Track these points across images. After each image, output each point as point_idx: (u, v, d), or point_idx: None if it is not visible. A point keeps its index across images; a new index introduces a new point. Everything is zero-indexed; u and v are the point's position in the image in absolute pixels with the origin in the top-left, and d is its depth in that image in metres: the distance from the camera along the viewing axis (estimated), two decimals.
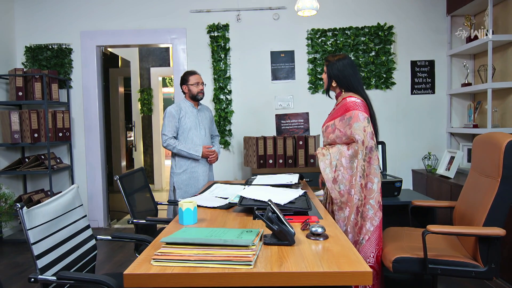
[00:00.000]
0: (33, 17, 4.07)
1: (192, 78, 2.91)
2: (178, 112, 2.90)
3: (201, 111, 3.01)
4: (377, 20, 3.96)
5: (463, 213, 1.98)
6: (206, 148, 2.91)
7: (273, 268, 1.13)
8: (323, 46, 3.99)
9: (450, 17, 3.91)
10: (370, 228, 1.98)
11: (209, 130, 3.04)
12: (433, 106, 4.03)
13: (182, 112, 2.91)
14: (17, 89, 3.67)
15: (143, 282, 1.11)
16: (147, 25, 4.05)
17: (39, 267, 1.44)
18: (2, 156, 3.83)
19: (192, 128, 2.91)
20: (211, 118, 3.10)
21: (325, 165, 2.04)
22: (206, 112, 3.07)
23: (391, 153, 4.03)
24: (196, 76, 2.93)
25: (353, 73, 2.11)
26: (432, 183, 3.62)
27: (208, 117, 3.06)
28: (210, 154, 2.93)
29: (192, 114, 2.94)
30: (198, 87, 2.91)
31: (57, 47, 4.05)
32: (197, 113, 2.96)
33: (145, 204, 2.63)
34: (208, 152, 2.92)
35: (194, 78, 2.91)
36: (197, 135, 2.93)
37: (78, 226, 1.77)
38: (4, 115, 3.66)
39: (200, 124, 2.96)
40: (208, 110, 3.11)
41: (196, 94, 2.92)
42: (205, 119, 3.01)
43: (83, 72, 4.10)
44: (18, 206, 1.42)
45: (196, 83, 2.90)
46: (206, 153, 2.91)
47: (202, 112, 3.02)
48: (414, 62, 4.00)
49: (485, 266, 1.69)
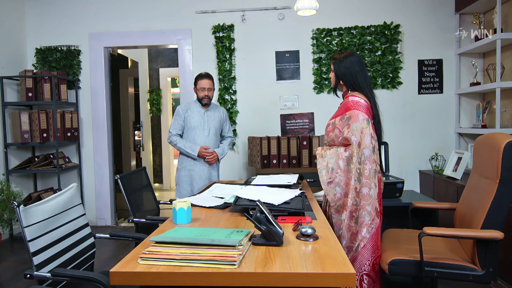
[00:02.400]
0: (43, 20, 4.16)
1: (199, 83, 2.96)
2: (185, 111, 2.99)
3: (210, 112, 3.04)
4: (383, 19, 3.91)
5: (463, 215, 1.94)
6: (204, 148, 2.94)
7: (257, 268, 1.13)
8: (329, 45, 3.96)
9: (458, 15, 3.83)
10: (366, 235, 1.90)
11: (216, 131, 3.06)
12: (441, 106, 3.96)
13: (189, 111, 2.99)
14: (27, 90, 3.77)
15: (129, 280, 1.13)
16: (153, 26, 4.10)
17: (35, 263, 1.48)
18: (13, 155, 3.93)
19: (196, 128, 2.97)
20: (221, 119, 3.11)
21: (321, 167, 2.02)
22: (216, 113, 3.08)
23: (397, 154, 3.98)
24: (203, 81, 2.95)
25: (360, 70, 2.03)
26: (439, 184, 3.55)
27: (218, 118, 3.07)
28: (207, 154, 2.94)
29: (199, 114, 2.99)
30: (203, 92, 2.95)
31: (66, 48, 4.13)
32: (204, 113, 3.00)
33: (147, 203, 2.67)
34: (204, 152, 2.94)
35: (201, 84, 2.95)
36: (200, 134, 2.98)
37: (77, 224, 1.80)
38: (15, 116, 3.76)
39: (205, 124, 2.99)
40: (220, 111, 3.12)
41: (201, 98, 2.98)
42: (213, 120, 3.03)
43: (91, 73, 4.18)
44: (15, 204, 1.46)
45: (202, 88, 2.95)
46: (203, 154, 2.94)
47: (212, 112, 3.04)
48: (421, 61, 3.94)
49: (483, 270, 1.66)
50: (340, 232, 1.98)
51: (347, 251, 1.96)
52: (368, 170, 1.90)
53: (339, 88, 2.15)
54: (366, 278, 1.94)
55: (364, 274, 1.93)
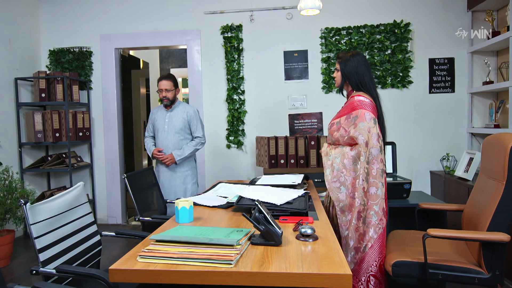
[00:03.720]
0: (56, 22, 4.26)
1: (159, 85, 2.96)
2: (153, 113, 3.08)
3: (173, 113, 3.00)
4: (393, 17, 3.86)
5: (470, 216, 1.90)
6: (157, 150, 2.98)
7: (253, 268, 1.14)
8: (337, 45, 3.93)
9: (471, 13, 3.75)
10: (374, 235, 1.90)
11: (179, 132, 2.98)
12: (452, 105, 3.89)
13: (156, 114, 3.06)
14: (40, 90, 3.86)
15: (127, 277, 1.15)
16: (162, 27, 4.14)
17: (41, 260, 1.52)
18: (28, 154, 4.03)
19: (159, 130, 3.01)
20: (185, 119, 2.99)
21: (326, 165, 2.01)
22: (180, 113, 3.00)
23: (407, 154, 3.92)
24: (161, 82, 2.95)
25: (366, 70, 2.03)
26: (450, 185, 3.49)
27: (181, 118, 2.98)
28: (158, 156, 2.96)
29: (161, 116, 3.02)
30: (161, 94, 2.95)
31: (78, 50, 4.22)
32: (166, 115, 3.00)
33: (154, 202, 2.70)
34: (156, 155, 2.97)
35: (159, 85, 2.95)
36: (162, 137, 3.00)
37: (83, 222, 1.84)
38: (29, 116, 3.86)
39: (167, 126, 2.98)
40: (185, 112, 3.01)
41: (161, 100, 3.00)
42: (175, 121, 2.98)
43: (103, 74, 4.25)
44: (22, 202, 1.50)
45: (160, 90, 2.95)
46: (155, 156, 2.98)
47: (175, 113, 3.00)
48: (432, 60, 3.87)
49: (489, 273, 1.62)
50: (346, 233, 1.96)
51: (355, 252, 1.94)
52: (376, 170, 1.89)
53: (344, 88, 2.14)
54: (373, 279, 1.92)
55: (371, 275, 1.92)
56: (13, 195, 3.20)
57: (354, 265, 1.95)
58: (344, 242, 1.97)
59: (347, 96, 2.14)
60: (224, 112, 4.13)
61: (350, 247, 1.95)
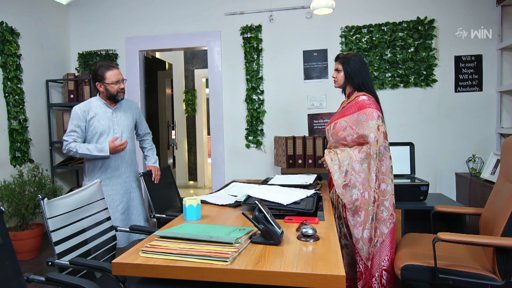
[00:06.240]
0: (85, 27, 4.45)
1: (110, 75, 2.32)
2: (86, 113, 2.34)
3: (119, 111, 2.45)
4: (416, 14, 3.74)
5: (487, 221, 1.83)
6: (113, 140, 2.32)
7: (248, 266, 1.16)
8: (358, 43, 3.86)
9: (500, 7, 3.57)
10: (385, 230, 1.96)
11: (130, 132, 2.50)
12: (480, 105, 3.72)
13: (91, 113, 2.35)
14: (69, 92, 4.06)
15: (128, 271, 1.21)
16: (184, 29, 4.23)
17: (57, 252, 1.61)
18: (58, 152, 4.25)
19: (103, 133, 2.36)
20: (134, 116, 2.55)
21: (334, 171, 2.01)
22: (128, 110, 2.50)
23: (430, 155, 3.79)
24: (114, 71, 2.35)
25: (367, 70, 2.11)
26: (475, 188, 3.34)
27: (130, 115, 2.50)
28: (121, 144, 2.33)
29: (105, 116, 2.38)
30: (118, 85, 2.35)
31: (105, 53, 4.39)
32: (112, 113, 2.41)
33: (170, 200, 2.78)
34: (116, 144, 2.31)
35: (113, 75, 2.33)
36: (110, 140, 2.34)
37: (98, 218, 1.93)
38: (59, 116, 4.06)
39: (115, 127, 2.40)
40: (131, 107, 2.54)
41: (116, 94, 2.36)
42: (125, 120, 2.46)
43: (128, 75, 4.40)
44: (39, 197, 1.60)
45: (116, 81, 2.34)
46: (115, 146, 2.32)
47: (121, 111, 2.46)
48: (458, 58, 3.72)
49: (502, 280, 1.55)
50: (361, 234, 1.95)
51: (368, 246, 1.96)
52: (386, 167, 1.96)
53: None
54: (385, 273, 1.96)
55: (383, 269, 1.96)
56: (43, 190, 3.39)
57: (369, 261, 1.97)
58: (360, 244, 1.96)
59: (348, 96, 2.17)
60: (243, 112, 4.17)
61: (366, 245, 1.96)
